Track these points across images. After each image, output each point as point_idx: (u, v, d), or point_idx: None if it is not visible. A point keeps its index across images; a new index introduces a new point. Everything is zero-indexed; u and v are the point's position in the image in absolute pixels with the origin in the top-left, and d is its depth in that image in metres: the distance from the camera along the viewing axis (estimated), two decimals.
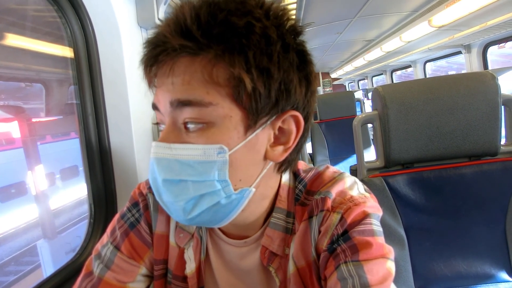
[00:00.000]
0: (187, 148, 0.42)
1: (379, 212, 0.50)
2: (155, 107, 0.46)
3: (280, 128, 0.46)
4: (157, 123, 0.48)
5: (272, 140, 0.46)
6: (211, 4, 0.40)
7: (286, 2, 2.31)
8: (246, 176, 0.45)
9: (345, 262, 0.44)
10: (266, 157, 0.46)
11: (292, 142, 0.47)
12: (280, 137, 0.47)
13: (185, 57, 0.41)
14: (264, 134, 0.45)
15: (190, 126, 0.42)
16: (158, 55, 0.41)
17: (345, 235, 0.46)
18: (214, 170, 0.42)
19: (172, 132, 0.43)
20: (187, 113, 0.41)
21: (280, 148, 0.47)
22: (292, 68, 0.43)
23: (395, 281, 0.44)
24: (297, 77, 0.44)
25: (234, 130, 0.42)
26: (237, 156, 0.43)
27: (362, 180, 0.93)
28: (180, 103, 0.41)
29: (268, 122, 0.44)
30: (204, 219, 0.44)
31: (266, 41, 0.40)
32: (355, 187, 0.52)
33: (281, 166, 0.50)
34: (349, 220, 0.47)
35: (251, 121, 0.43)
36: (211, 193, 0.43)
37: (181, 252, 0.56)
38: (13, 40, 1.38)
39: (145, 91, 0.47)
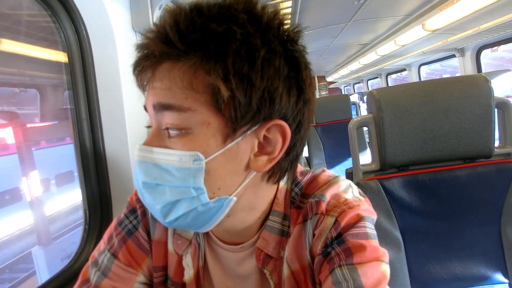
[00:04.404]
0: (165, 153, 0.42)
1: (373, 216, 0.50)
2: (145, 109, 0.47)
3: (265, 137, 0.44)
4: (149, 126, 0.48)
5: (256, 149, 0.44)
6: (192, 10, 0.40)
7: (281, 7, 2.32)
8: (226, 185, 0.44)
9: (340, 266, 0.43)
10: (248, 167, 0.45)
11: (278, 153, 0.45)
12: (265, 146, 0.45)
13: (166, 63, 0.41)
14: (246, 143, 0.43)
15: (171, 131, 0.42)
16: (141, 60, 0.42)
17: (339, 238, 0.46)
18: (190, 177, 0.41)
19: (156, 136, 0.44)
20: (168, 118, 0.41)
21: (264, 158, 0.45)
22: (278, 75, 0.41)
23: (392, 284, 0.44)
24: (284, 85, 0.42)
25: (212, 138, 0.41)
26: (215, 164, 0.42)
27: (357, 183, 0.93)
28: (162, 107, 0.41)
29: (250, 131, 0.43)
30: (183, 224, 0.44)
31: (247, 47, 0.39)
32: (349, 191, 0.52)
33: (270, 177, 0.48)
34: (343, 223, 0.46)
35: (230, 129, 0.41)
36: (186, 199, 0.42)
37: (180, 258, 0.56)
38: (7, 45, 1.37)
39: (140, 95, 0.47)
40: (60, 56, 1.06)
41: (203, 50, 0.39)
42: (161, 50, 0.40)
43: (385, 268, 0.44)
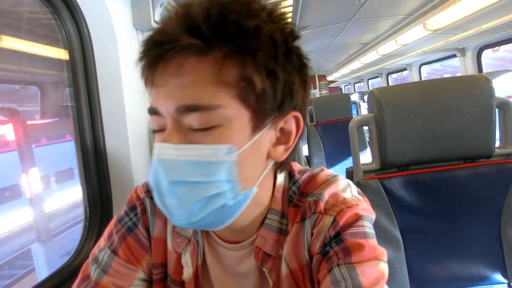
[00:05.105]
0: (195, 149, 0.41)
1: (372, 215, 0.50)
2: (153, 111, 0.44)
3: (281, 129, 0.47)
4: (156, 131, 0.45)
5: (274, 140, 0.47)
6: (221, 5, 0.40)
7: (282, 5, 2.32)
8: (252, 176, 0.46)
9: (338, 265, 0.43)
10: (268, 157, 0.47)
11: (292, 142, 0.48)
12: (281, 137, 0.48)
13: (193, 56, 0.40)
14: (268, 134, 0.46)
15: (197, 126, 0.41)
16: (165, 53, 0.40)
17: (338, 237, 0.46)
18: (223, 171, 0.41)
19: (176, 132, 0.42)
20: (193, 119, 0.40)
21: (281, 148, 0.48)
22: (294, 70, 0.44)
23: (391, 284, 0.44)
24: (298, 79, 0.45)
25: (242, 130, 0.42)
26: (244, 156, 0.43)
27: (358, 182, 0.93)
28: (188, 109, 0.40)
29: (272, 122, 0.45)
30: (208, 221, 0.44)
31: (272, 43, 0.41)
32: (348, 190, 0.52)
33: (280, 166, 0.51)
34: (341, 223, 0.47)
35: (259, 122, 0.43)
36: (219, 194, 0.42)
37: (179, 256, 0.56)
38: (8, 42, 1.37)
39: (141, 93, 0.46)
40: (61, 54, 1.06)
41: (236, 43, 0.40)
42: (190, 42, 0.39)
43: (384, 267, 0.45)
